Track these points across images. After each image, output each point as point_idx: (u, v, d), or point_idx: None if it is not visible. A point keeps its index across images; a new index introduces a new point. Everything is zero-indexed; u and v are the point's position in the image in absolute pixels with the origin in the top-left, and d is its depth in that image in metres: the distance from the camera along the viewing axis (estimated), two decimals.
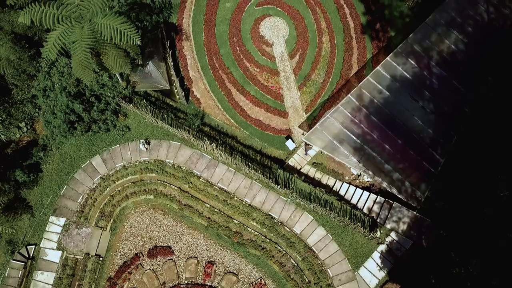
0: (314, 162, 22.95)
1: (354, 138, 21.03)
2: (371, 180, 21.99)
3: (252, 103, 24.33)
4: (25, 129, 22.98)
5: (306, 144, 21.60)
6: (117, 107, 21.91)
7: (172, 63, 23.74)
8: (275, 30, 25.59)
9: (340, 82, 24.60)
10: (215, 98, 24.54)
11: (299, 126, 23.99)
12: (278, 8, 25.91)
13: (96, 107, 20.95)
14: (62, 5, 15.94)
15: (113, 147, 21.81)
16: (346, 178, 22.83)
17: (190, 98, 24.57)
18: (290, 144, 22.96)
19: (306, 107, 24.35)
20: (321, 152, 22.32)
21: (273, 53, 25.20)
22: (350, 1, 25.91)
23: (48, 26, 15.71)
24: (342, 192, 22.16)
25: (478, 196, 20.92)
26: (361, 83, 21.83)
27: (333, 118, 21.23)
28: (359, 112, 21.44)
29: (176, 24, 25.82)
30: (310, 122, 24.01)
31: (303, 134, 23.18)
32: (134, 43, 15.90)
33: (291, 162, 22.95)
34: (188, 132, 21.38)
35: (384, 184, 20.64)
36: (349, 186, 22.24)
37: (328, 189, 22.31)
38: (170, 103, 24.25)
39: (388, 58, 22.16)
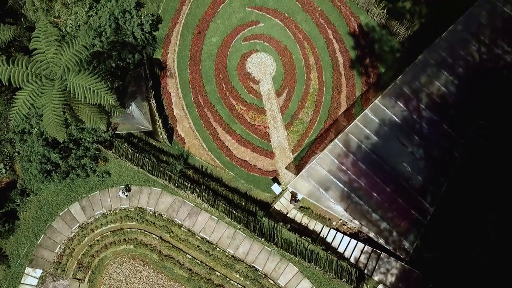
0: (301, 207, 22.28)
1: (341, 185, 20.37)
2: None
3: (238, 142, 23.66)
4: (4, 170, 22.33)
5: (293, 197, 20.96)
6: (96, 152, 21.27)
7: (155, 104, 23.09)
8: (262, 67, 24.94)
9: (328, 121, 23.95)
10: (200, 138, 23.89)
11: (286, 168, 23.33)
12: (265, 43, 25.26)
13: (74, 154, 20.31)
14: (32, 61, 15.27)
15: (92, 194, 21.15)
16: (334, 223, 22.16)
17: (174, 137, 23.91)
18: (276, 188, 22.30)
19: (293, 147, 23.69)
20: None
21: (259, 91, 24.55)
22: (339, 35, 25.27)
23: (17, 86, 15.05)
24: (329, 239, 21.51)
25: (469, 245, 20.38)
26: (348, 127, 21.17)
27: (318, 165, 20.56)
28: (346, 158, 20.77)
29: (161, 60, 25.17)
30: (297, 163, 23.36)
31: (288, 182, 22.50)
32: (108, 102, 15.21)
33: (277, 206, 22.29)
34: (170, 178, 20.71)
35: (371, 234, 19.99)
36: (336, 233, 21.61)
37: (315, 235, 21.66)
38: (153, 143, 23.61)
39: (376, 100, 21.50)
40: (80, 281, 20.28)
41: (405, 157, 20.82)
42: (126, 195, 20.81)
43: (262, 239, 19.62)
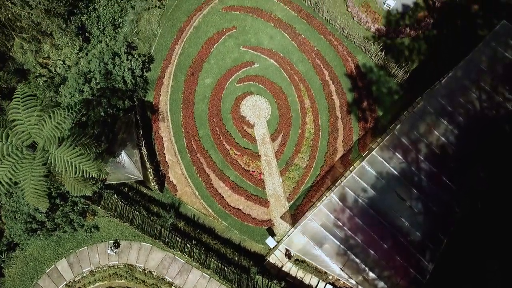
0: (297, 260, 21.59)
1: (337, 242, 19.66)
2: None
3: (232, 190, 22.98)
4: None
5: (287, 251, 20.28)
6: (84, 206, 20.58)
7: (146, 152, 22.43)
8: (257, 110, 24.30)
9: (325, 167, 23.29)
10: (192, 185, 23.21)
11: (281, 217, 22.65)
12: (260, 85, 24.62)
13: (61, 211, 19.62)
14: (12, 132, 14.61)
15: (80, 249, 20.49)
16: (330, 277, 21.46)
17: (165, 185, 23.23)
18: (270, 242, 21.58)
19: (288, 194, 23.01)
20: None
21: (254, 135, 23.89)
22: (336, 77, 24.64)
23: None
24: None
25: None
26: (344, 181, 20.48)
27: (314, 220, 19.87)
28: (342, 213, 20.08)
29: (153, 103, 24.53)
30: (293, 212, 22.69)
31: (284, 233, 21.82)
32: (90, 176, 14.54)
33: (272, 259, 21.60)
34: (161, 232, 20.05)
35: None
36: None
37: None
38: (145, 191, 22.96)
39: (373, 152, 20.82)
40: None
41: (403, 211, 20.11)
42: (115, 252, 20.13)
43: None
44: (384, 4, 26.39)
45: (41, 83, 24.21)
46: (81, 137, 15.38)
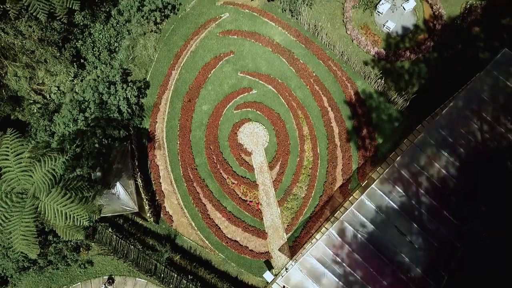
0: None
1: (335, 279, 19.27)
2: None
3: (229, 221, 22.58)
4: None
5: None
6: (78, 241, 20.17)
7: (142, 182, 22.04)
8: (254, 137, 23.91)
9: (324, 197, 22.88)
10: (189, 215, 22.81)
11: (279, 249, 22.24)
12: (257, 112, 24.24)
13: (54, 248, 19.22)
14: (1, 180, 14.21)
15: (74, 285, 20.06)
16: None
17: (161, 215, 22.83)
18: (268, 276, 21.18)
19: (286, 226, 22.60)
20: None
21: (252, 163, 23.50)
22: (335, 103, 24.25)
23: None
24: None
25: None
26: (343, 215, 20.08)
27: (312, 256, 19.46)
28: (340, 249, 19.68)
29: (149, 130, 24.14)
30: (291, 244, 22.28)
31: (282, 266, 21.40)
32: (82, 224, 14.15)
33: None
34: (156, 268, 19.64)
35: None
36: None
37: None
38: (140, 222, 22.57)
39: (373, 185, 20.42)
40: None
41: (403, 246, 19.70)
42: None
43: None
44: (383, 26, 26.04)
45: (35, 110, 23.85)
46: (73, 180, 14.99)
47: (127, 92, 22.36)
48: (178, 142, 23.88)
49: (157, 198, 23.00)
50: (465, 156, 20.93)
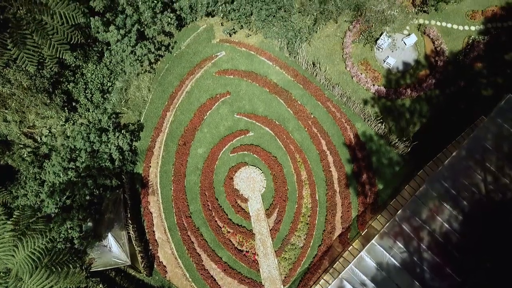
0: None
1: None
2: None
3: (224, 272, 21.85)
4: None
5: None
6: None
7: (134, 234, 21.32)
8: (251, 182, 23.20)
9: (322, 247, 22.15)
10: (183, 266, 22.09)
11: None
12: (254, 155, 23.54)
13: None
14: None
15: None
16: None
17: (155, 266, 22.11)
18: None
19: (284, 277, 21.86)
20: None
21: (248, 210, 22.78)
22: (333, 147, 23.56)
23: None
24: None
25: None
26: (342, 273, 19.37)
27: None
28: None
29: (142, 175, 23.44)
30: None
31: None
32: None
33: None
34: None
35: None
36: None
37: None
38: (133, 273, 21.87)
39: (373, 240, 19.71)
40: None
41: None
42: None
43: None
44: (384, 62, 25.40)
45: (25, 155, 23.16)
46: (59, 255, 14.30)
47: (119, 140, 21.67)
48: (172, 188, 23.18)
49: (150, 248, 22.28)
50: (468, 209, 20.21)
